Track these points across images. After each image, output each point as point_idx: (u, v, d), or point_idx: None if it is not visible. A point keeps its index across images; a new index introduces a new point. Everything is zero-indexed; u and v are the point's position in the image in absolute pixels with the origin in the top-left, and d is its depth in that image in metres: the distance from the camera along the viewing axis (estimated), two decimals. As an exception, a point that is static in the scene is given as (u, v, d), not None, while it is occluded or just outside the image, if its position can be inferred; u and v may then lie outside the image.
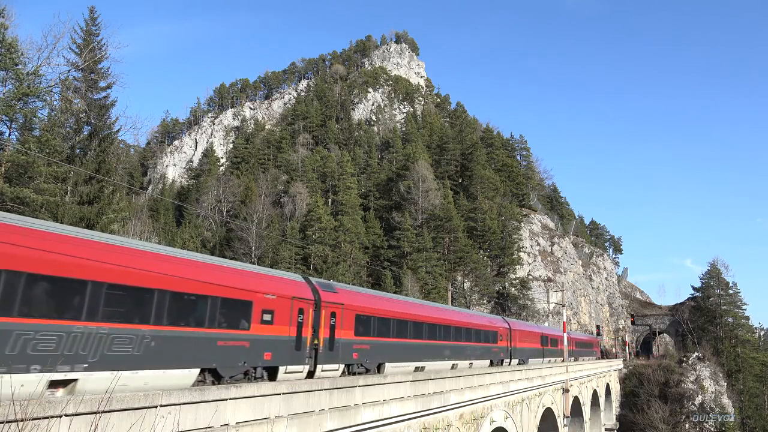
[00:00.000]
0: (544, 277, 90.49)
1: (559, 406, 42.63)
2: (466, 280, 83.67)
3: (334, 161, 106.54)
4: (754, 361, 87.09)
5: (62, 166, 31.99)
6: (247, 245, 79.63)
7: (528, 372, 34.35)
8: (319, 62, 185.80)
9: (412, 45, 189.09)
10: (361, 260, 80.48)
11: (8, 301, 10.35)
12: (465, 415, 23.34)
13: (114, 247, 13.06)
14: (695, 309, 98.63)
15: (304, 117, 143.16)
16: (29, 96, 30.64)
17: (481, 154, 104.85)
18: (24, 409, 7.05)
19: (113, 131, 38.80)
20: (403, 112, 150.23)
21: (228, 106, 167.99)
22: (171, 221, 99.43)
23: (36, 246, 11.02)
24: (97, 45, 38.04)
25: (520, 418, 31.66)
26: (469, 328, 33.97)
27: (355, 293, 24.07)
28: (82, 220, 31.81)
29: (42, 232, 11.59)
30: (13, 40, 29.36)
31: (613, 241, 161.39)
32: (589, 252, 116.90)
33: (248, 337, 16.00)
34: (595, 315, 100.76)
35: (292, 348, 17.85)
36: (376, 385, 16.41)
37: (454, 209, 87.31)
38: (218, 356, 14.90)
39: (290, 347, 17.77)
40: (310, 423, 12.89)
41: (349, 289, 24.40)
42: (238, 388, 11.08)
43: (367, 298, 24.78)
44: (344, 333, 20.98)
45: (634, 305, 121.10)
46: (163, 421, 9.14)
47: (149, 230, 67.15)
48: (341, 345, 20.69)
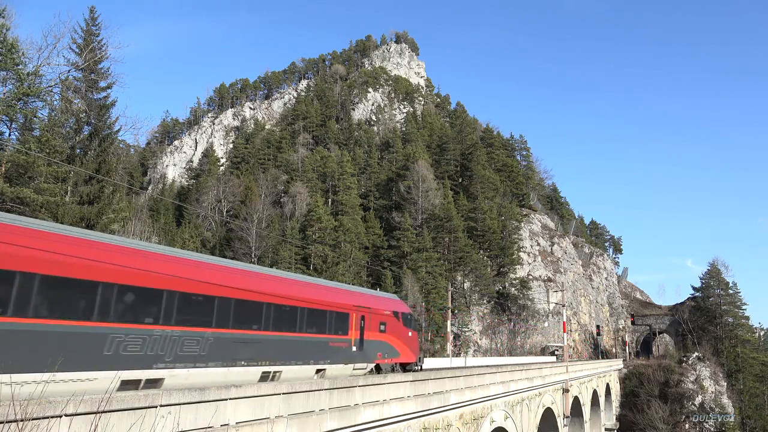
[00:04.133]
0: (544, 277, 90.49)
1: (559, 406, 42.63)
2: (466, 280, 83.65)
3: (334, 161, 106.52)
4: (754, 361, 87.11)
5: (62, 166, 31.98)
6: (247, 245, 79.61)
7: (528, 372, 34.34)
8: (319, 62, 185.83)
9: (412, 45, 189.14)
10: (361, 260, 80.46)
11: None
12: (465, 415, 23.34)
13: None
14: (695, 309, 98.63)
15: (304, 117, 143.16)
16: (29, 96, 30.63)
17: (481, 154, 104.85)
18: (24, 409, 7.05)
19: (113, 131, 38.80)
20: (403, 112, 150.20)
21: (228, 106, 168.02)
22: (171, 221, 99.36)
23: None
24: (97, 45, 38.03)
25: (520, 418, 31.64)
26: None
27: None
28: (82, 220, 31.81)
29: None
30: (14, 41, 29.35)
31: (613, 241, 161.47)
32: (589, 252, 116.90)
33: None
34: (595, 315, 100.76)
35: None
36: (376, 385, 16.42)
37: (454, 209, 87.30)
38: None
39: None
40: (310, 423, 12.89)
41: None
42: (238, 389, 11.08)
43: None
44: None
45: (634, 305, 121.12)
46: (163, 421, 9.13)
47: (149, 230, 67.06)
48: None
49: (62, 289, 11.74)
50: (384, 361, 23.86)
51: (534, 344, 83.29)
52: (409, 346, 26.32)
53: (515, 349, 79.78)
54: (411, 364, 26.44)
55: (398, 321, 25.54)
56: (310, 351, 19.07)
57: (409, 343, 26.27)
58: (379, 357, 23.40)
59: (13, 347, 10.59)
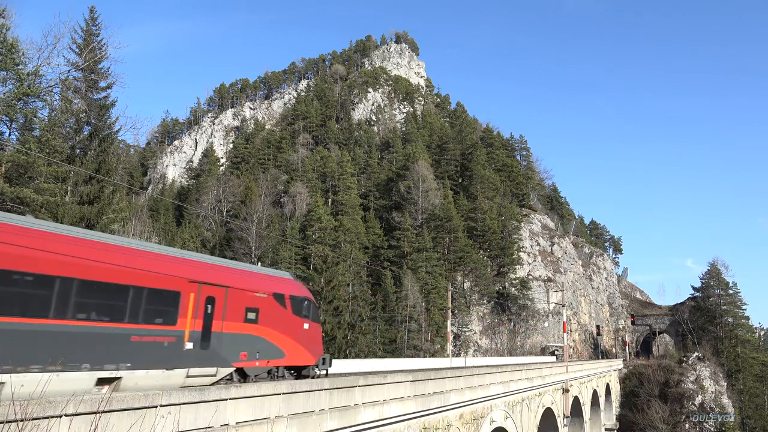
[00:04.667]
0: (544, 277, 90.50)
1: (559, 406, 42.63)
2: (466, 280, 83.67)
3: (334, 161, 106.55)
4: (754, 361, 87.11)
5: (62, 166, 31.98)
6: (247, 245, 79.66)
7: (528, 372, 34.35)
8: (319, 62, 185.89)
9: (412, 45, 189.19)
10: (361, 260, 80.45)
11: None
12: (465, 415, 23.34)
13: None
14: (695, 309, 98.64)
15: (304, 117, 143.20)
16: (29, 96, 30.64)
17: (481, 154, 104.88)
18: (24, 409, 7.05)
19: (113, 131, 38.82)
20: (403, 112, 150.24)
21: (228, 106, 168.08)
22: (171, 221, 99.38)
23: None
24: (97, 45, 38.04)
25: (520, 418, 31.65)
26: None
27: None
28: (82, 220, 31.81)
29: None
30: (14, 41, 29.35)
31: (613, 241, 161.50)
32: (589, 252, 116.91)
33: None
34: (595, 315, 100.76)
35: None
36: (376, 385, 16.42)
37: (454, 209, 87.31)
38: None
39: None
40: (310, 423, 12.90)
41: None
42: (238, 388, 11.09)
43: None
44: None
45: (634, 305, 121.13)
46: (163, 421, 9.14)
47: (149, 230, 67.14)
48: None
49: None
50: (252, 364, 16.41)
51: (534, 344, 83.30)
52: (303, 343, 18.61)
53: (515, 349, 79.79)
54: (308, 368, 18.83)
55: (283, 307, 17.94)
56: (83, 349, 11.58)
57: (302, 338, 18.56)
58: (244, 358, 16.04)
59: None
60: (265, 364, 16.96)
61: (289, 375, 18.15)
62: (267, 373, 17.14)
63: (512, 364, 44.33)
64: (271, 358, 17.15)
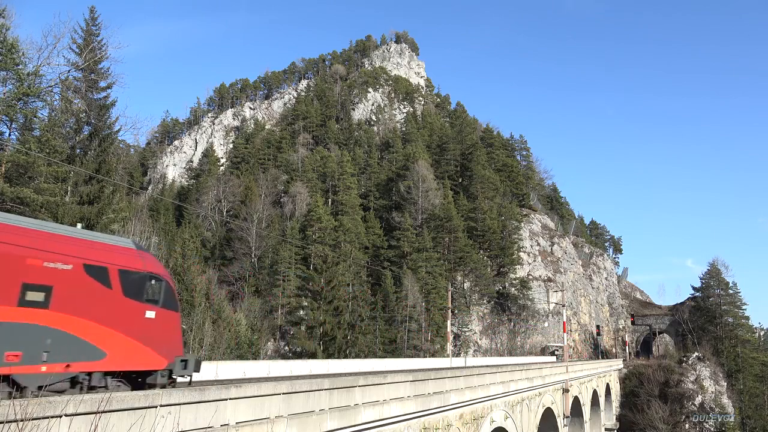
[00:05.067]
0: (544, 277, 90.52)
1: (559, 406, 42.64)
2: (466, 280, 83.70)
3: (334, 161, 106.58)
4: (754, 361, 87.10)
5: (62, 166, 32.00)
6: (247, 245, 79.73)
7: (528, 372, 34.36)
8: (319, 62, 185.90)
9: (412, 45, 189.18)
10: (361, 260, 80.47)
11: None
12: (465, 415, 23.34)
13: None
14: (695, 309, 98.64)
15: (304, 117, 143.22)
16: (29, 96, 30.66)
17: (481, 154, 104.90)
18: (24, 409, 7.05)
19: (113, 131, 38.85)
20: (403, 112, 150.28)
21: (228, 106, 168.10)
22: (171, 221, 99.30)
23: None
24: (97, 45, 38.06)
25: (520, 418, 31.66)
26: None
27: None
28: (82, 220, 31.81)
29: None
30: (14, 41, 29.37)
31: (613, 241, 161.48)
32: (589, 252, 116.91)
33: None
34: (595, 315, 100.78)
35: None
36: (376, 385, 16.41)
37: (454, 209, 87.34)
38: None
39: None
40: (310, 423, 12.89)
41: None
42: (238, 388, 11.08)
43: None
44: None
45: (634, 305, 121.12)
46: (163, 421, 9.13)
47: (149, 230, 67.07)
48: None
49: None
50: (33, 369, 10.48)
51: (534, 344, 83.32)
52: (143, 339, 12.69)
53: (515, 349, 79.80)
54: (154, 373, 12.88)
55: (105, 286, 12.16)
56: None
57: (141, 332, 12.71)
58: (12, 360, 10.13)
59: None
60: (63, 368, 11.05)
61: (116, 383, 12.22)
62: (70, 382, 11.33)
63: (512, 364, 44.35)
64: (77, 359, 11.34)
